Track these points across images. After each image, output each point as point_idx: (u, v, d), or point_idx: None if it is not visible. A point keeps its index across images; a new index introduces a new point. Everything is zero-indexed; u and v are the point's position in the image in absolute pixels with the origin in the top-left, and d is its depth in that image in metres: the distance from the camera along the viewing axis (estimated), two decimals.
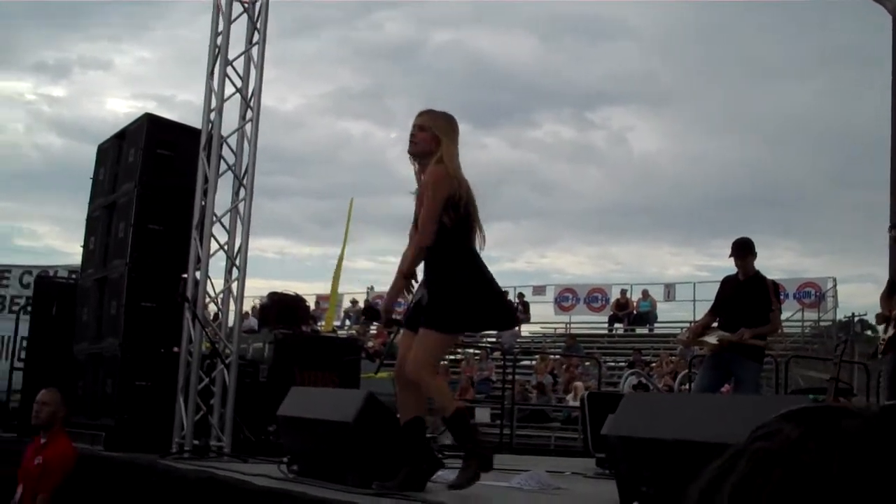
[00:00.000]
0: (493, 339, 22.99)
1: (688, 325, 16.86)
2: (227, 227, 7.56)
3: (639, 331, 26.41)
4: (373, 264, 54.89)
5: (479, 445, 5.25)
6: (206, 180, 7.49)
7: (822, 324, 24.07)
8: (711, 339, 8.27)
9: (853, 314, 15.72)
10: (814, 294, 24.72)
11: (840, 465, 0.69)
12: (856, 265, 55.84)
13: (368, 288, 30.95)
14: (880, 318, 7.88)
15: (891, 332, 7.58)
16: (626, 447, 4.30)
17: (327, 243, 64.94)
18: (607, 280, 29.50)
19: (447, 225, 5.13)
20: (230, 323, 7.62)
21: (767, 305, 8.18)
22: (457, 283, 5.12)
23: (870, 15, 9.69)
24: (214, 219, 7.52)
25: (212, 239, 7.54)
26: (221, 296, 7.58)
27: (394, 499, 4.69)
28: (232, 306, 7.62)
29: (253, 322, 16.64)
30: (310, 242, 63.36)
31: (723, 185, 56.55)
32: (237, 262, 7.55)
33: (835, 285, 24.95)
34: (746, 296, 8.20)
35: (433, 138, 5.29)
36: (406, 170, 5.47)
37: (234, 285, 7.58)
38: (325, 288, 26.28)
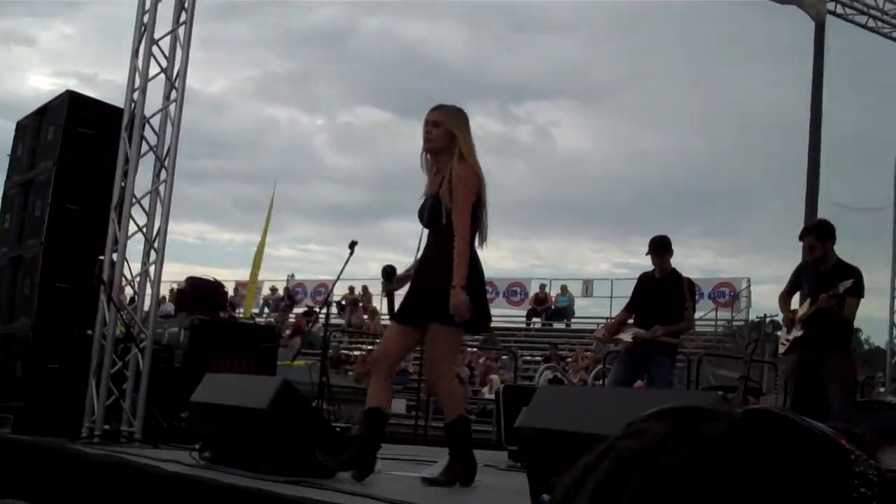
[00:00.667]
0: None
1: (605, 320, 17.06)
2: (147, 209, 7.48)
3: (556, 325, 26.64)
4: (294, 252, 54.71)
5: (469, 459, 5.32)
6: (126, 161, 7.39)
7: (735, 323, 24.53)
8: (626, 337, 8.39)
9: (765, 315, 16.06)
10: (728, 294, 25.18)
11: (696, 469, 0.69)
12: (771, 266, 56.95)
13: (289, 275, 30.82)
14: (784, 318, 8.07)
15: (795, 333, 7.76)
16: (538, 439, 4.36)
17: (250, 229, 64.50)
18: (528, 274, 29.76)
19: (444, 223, 5.23)
20: (146, 307, 7.54)
21: (682, 304, 8.32)
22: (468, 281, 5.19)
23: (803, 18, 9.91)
24: (134, 200, 7.43)
25: (130, 221, 7.45)
26: (138, 279, 7.49)
27: (305, 486, 4.69)
28: (148, 290, 7.53)
29: (170, 307, 16.46)
30: (232, 228, 62.89)
31: (647, 183, 57.39)
32: (155, 245, 7.47)
33: (749, 286, 25.45)
34: (662, 293, 8.34)
35: (447, 134, 5.35)
36: (333, 158, 5.53)
37: (152, 269, 7.50)
38: (246, 274, 26.08)
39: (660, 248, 8.45)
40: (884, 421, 7.91)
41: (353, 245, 7.88)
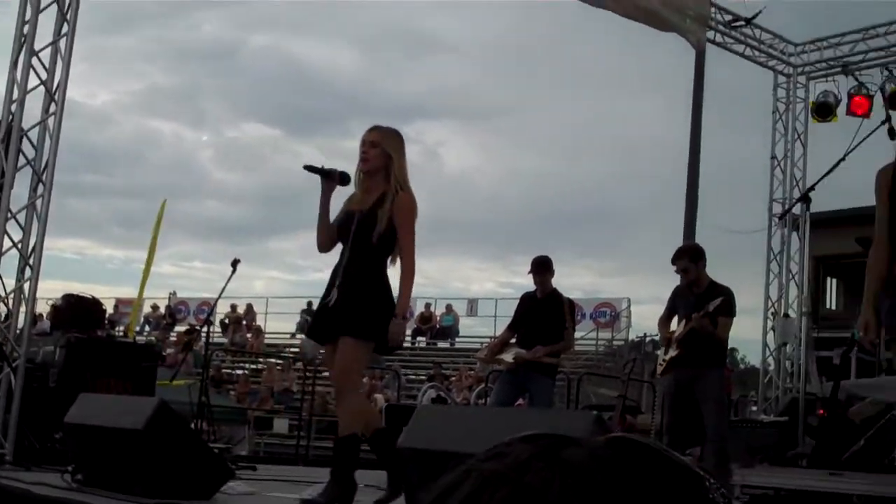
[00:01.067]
0: (296, 350, 22.86)
1: (489, 339, 17.23)
2: (23, 224, 7.29)
3: (440, 345, 26.75)
4: (177, 269, 53.74)
5: (349, 481, 5.31)
6: (2, 174, 7.20)
7: (615, 343, 24.97)
8: (508, 357, 8.50)
9: (645, 334, 16.42)
10: (609, 314, 25.63)
11: (559, 491, 0.72)
12: (651, 287, 58.30)
13: (171, 293, 30.28)
14: (662, 340, 8.28)
15: (671, 353, 7.96)
16: (417, 459, 4.38)
17: (131, 245, 63.07)
18: (413, 293, 29.71)
19: (374, 243, 5.32)
20: (20, 324, 7.34)
21: (562, 323, 8.46)
22: (382, 298, 5.34)
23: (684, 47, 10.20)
24: (9, 215, 7.24)
25: (5, 236, 7.26)
26: (12, 296, 7.30)
27: None
28: (23, 307, 7.34)
29: (47, 325, 16.03)
30: (112, 244, 61.49)
31: (533, 203, 58.11)
32: (31, 261, 7.29)
33: (629, 306, 25.95)
34: (543, 314, 8.46)
35: (384, 154, 5.43)
36: (218, 174, 5.52)
37: (27, 285, 7.31)
38: (127, 292, 25.57)
39: (541, 267, 8.58)
40: (755, 438, 8.16)
41: (235, 263, 7.84)
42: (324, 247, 5.59)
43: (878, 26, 10.48)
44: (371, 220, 5.36)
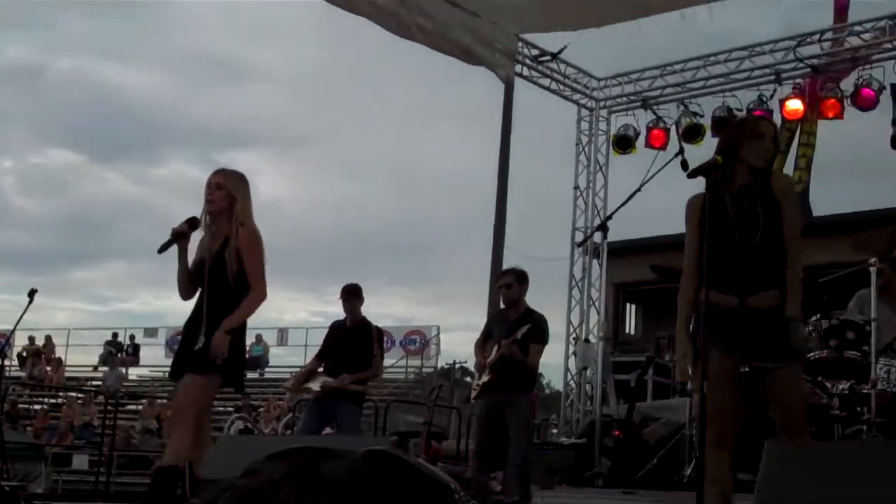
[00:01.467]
0: (98, 383, 22.13)
1: (299, 369, 17.10)
2: None
3: (249, 375, 26.32)
4: None
5: None
6: None
7: (424, 370, 25.17)
8: (314, 386, 8.46)
9: (454, 361, 16.58)
10: (419, 341, 25.84)
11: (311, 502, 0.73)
12: (460, 314, 59.02)
13: None
14: (478, 365, 8.43)
15: (485, 378, 8.12)
16: (211, 489, 4.32)
17: None
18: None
19: (231, 286, 5.40)
20: None
21: (370, 351, 8.49)
22: (237, 337, 5.44)
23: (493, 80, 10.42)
24: None
25: None
26: None
27: None
28: None
29: None
30: None
31: (346, 231, 58.10)
32: None
33: (438, 333, 26.23)
34: (351, 342, 8.47)
35: (229, 196, 5.49)
36: (20, 202, 5.38)
37: None
38: None
39: (351, 295, 8.60)
40: (555, 460, 8.38)
41: (32, 293, 7.52)
42: (185, 296, 5.64)
43: (674, 63, 10.98)
44: (220, 264, 5.45)
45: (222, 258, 5.45)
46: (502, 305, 8.37)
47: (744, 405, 4.71)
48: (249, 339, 25.99)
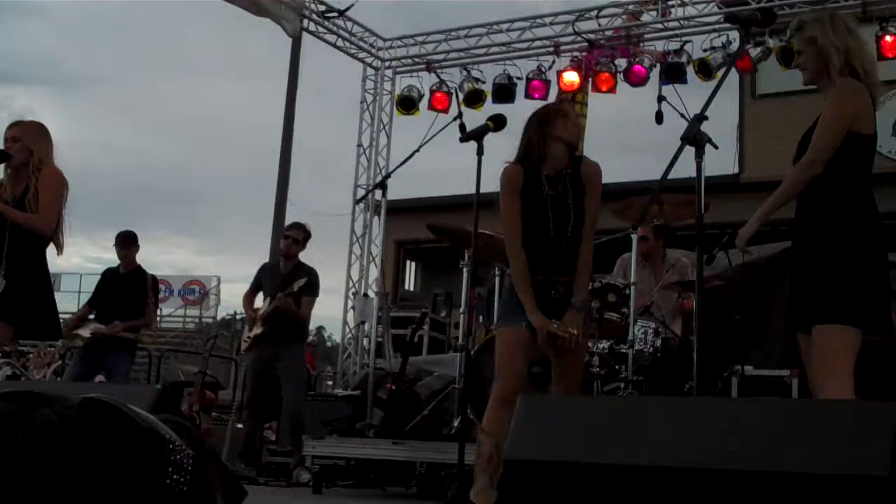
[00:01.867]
0: None
1: (71, 315, 16.60)
2: None
3: None
4: None
5: None
6: None
7: (205, 320, 24.91)
8: (84, 332, 8.32)
9: (235, 312, 16.50)
10: (198, 291, 25.50)
11: (21, 451, 0.78)
12: (242, 266, 58.44)
13: None
14: (247, 317, 8.47)
15: (256, 330, 8.19)
16: None
17: None
18: None
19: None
20: None
21: (144, 300, 8.41)
22: (42, 286, 5.62)
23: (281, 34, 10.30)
24: None
25: None
26: None
27: None
28: None
29: None
30: None
31: (126, 178, 56.23)
32: None
33: (219, 284, 25.96)
34: (124, 289, 8.38)
35: (26, 149, 5.53)
36: None
37: None
38: None
39: (126, 241, 8.49)
40: (329, 411, 8.53)
41: None
42: None
43: (459, 29, 11.21)
44: (21, 209, 5.47)
45: (22, 205, 5.46)
46: (266, 257, 8.47)
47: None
48: None
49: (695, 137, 3.59)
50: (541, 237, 4.91)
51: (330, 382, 11.03)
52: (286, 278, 8.24)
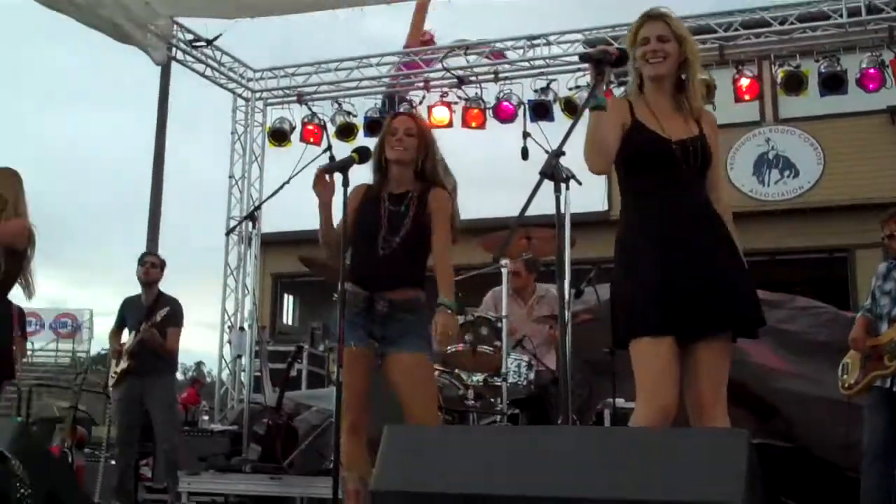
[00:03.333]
0: None
1: None
2: None
3: None
4: None
5: None
6: None
7: (78, 354, 24.35)
8: None
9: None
10: (70, 324, 24.93)
11: None
12: (115, 298, 57.12)
13: None
14: (113, 352, 8.42)
15: (123, 364, 8.14)
16: None
17: None
18: None
19: None
20: None
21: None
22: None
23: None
24: None
25: None
26: None
27: None
28: None
29: None
30: None
31: None
32: None
33: (91, 316, 25.42)
34: None
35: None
36: None
37: None
38: None
39: None
40: (206, 447, 8.50)
41: None
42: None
43: (329, 62, 11.30)
44: None
45: None
46: (138, 290, 8.42)
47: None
48: None
49: (552, 172, 3.70)
50: (369, 246, 4.95)
51: (206, 417, 10.95)
52: (149, 310, 8.21)
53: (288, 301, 21.94)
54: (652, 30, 4.08)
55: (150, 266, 8.41)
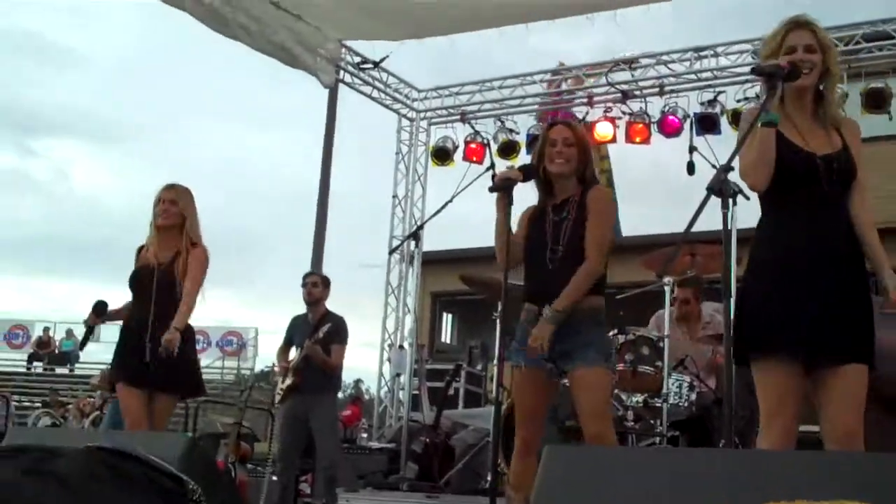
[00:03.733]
0: None
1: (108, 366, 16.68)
2: None
3: (59, 370, 25.55)
4: None
5: None
6: None
7: (242, 371, 24.95)
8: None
9: (273, 364, 16.51)
10: (236, 342, 25.59)
11: (54, 498, 0.80)
12: (280, 318, 58.65)
13: None
14: (280, 370, 8.47)
15: (288, 381, 8.19)
16: None
17: None
18: (31, 316, 28.25)
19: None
20: None
21: None
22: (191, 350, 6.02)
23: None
24: None
25: None
26: None
27: None
28: None
29: None
30: None
31: None
32: None
33: (256, 335, 26.02)
34: None
35: (180, 214, 5.94)
36: None
37: None
38: None
39: None
40: (364, 464, 8.53)
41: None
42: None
43: (493, 80, 11.28)
44: (170, 275, 5.85)
45: (171, 272, 5.86)
46: (304, 308, 8.47)
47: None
48: (60, 334, 25.39)
49: (720, 188, 3.53)
50: (538, 261, 4.80)
51: (365, 434, 10.99)
52: (314, 328, 8.25)
53: (446, 319, 21.99)
54: (799, 38, 3.90)
55: (312, 286, 8.46)
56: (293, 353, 8.52)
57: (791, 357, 3.71)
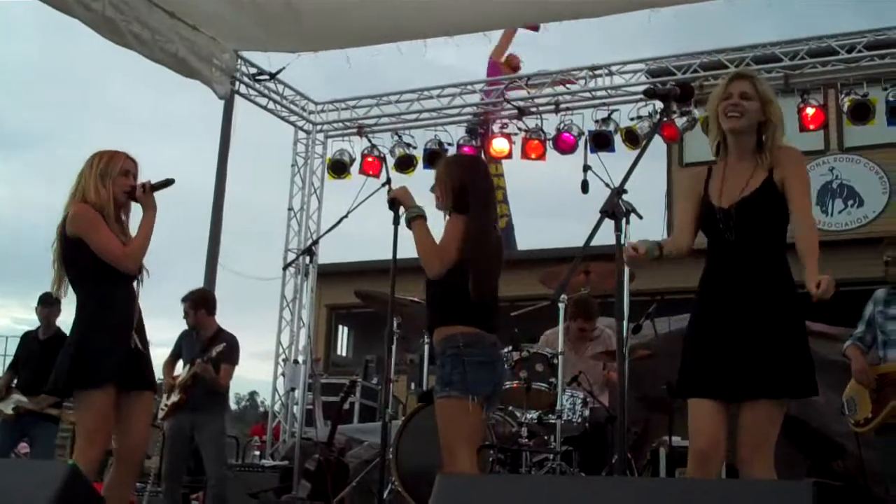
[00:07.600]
0: None
1: None
2: None
3: None
4: None
5: None
6: None
7: None
8: (6, 408, 8.18)
9: (159, 378, 16.20)
10: None
11: None
12: (172, 331, 57.77)
13: None
14: (166, 385, 8.32)
15: (174, 397, 8.07)
16: None
17: None
18: None
19: None
20: None
21: None
22: None
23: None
24: None
25: None
26: None
27: None
28: None
29: None
30: None
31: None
32: None
33: None
34: (45, 355, 8.15)
35: None
36: None
37: None
38: None
39: (46, 304, 8.31)
40: (256, 482, 8.39)
41: None
42: None
43: (390, 94, 11.24)
44: None
45: None
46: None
47: None
48: None
49: (613, 211, 3.61)
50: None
51: (257, 452, 10.83)
52: (205, 345, 8.12)
53: (342, 332, 21.86)
54: (736, 87, 4.16)
55: (184, 315, 8.33)
56: (179, 368, 8.38)
57: (704, 396, 4.04)
